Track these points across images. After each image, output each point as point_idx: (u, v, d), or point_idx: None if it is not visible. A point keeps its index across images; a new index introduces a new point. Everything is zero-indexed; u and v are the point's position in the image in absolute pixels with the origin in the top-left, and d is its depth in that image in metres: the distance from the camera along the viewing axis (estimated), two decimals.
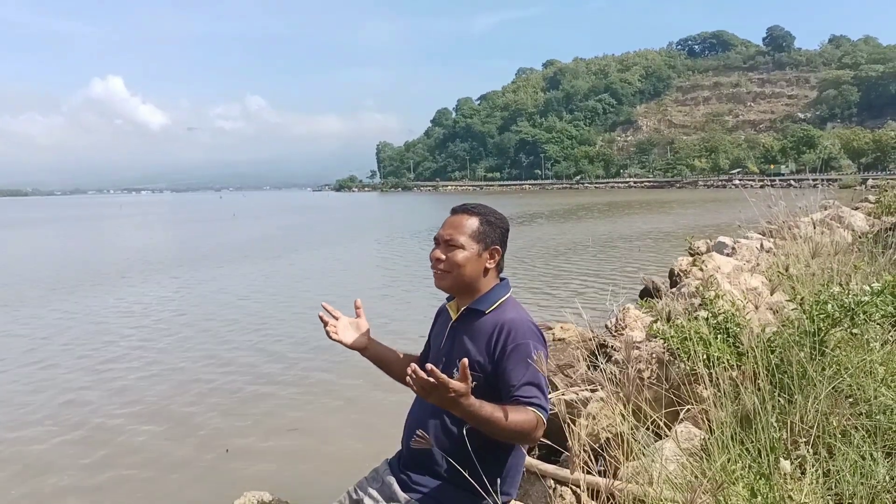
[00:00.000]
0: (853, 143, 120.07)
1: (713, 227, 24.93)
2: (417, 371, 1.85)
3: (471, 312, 2.34)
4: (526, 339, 2.21)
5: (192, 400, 7.81)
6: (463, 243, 2.28)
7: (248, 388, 8.22)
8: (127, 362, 9.49)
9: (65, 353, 10.13)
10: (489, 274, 2.35)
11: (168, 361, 9.51)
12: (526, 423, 2.05)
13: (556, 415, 3.86)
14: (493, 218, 2.35)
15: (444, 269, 2.30)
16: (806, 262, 5.68)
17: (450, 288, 2.37)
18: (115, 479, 5.75)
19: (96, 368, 9.20)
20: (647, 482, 2.63)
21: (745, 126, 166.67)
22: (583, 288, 14.16)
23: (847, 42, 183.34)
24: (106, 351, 10.22)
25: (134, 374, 8.94)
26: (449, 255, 2.29)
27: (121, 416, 7.40)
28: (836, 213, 11.46)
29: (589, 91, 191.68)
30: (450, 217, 2.36)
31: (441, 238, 2.32)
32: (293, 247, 27.95)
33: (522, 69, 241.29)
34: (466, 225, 2.30)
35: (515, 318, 2.27)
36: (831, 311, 3.23)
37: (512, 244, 2.43)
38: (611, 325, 6.32)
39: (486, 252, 2.31)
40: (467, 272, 2.30)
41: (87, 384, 8.52)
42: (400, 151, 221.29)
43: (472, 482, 2.17)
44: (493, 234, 2.33)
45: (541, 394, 2.13)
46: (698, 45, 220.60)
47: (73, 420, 7.24)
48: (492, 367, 2.22)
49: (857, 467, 2.48)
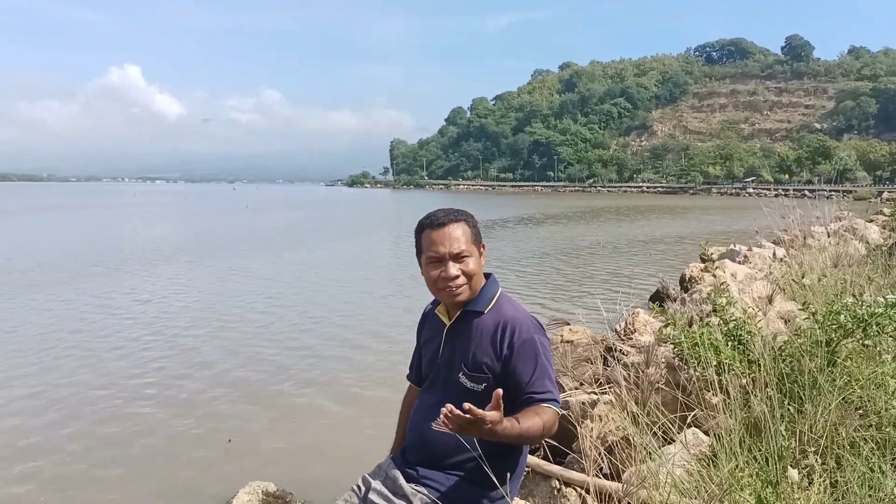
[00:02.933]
0: (869, 155, 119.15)
1: (726, 235, 24.82)
2: (454, 411, 1.81)
3: (468, 314, 2.34)
4: (530, 333, 2.24)
5: (199, 388, 7.83)
6: (469, 251, 2.29)
7: (254, 379, 8.23)
8: (137, 347, 9.54)
9: (79, 337, 10.21)
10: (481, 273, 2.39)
11: (175, 349, 9.55)
12: (548, 424, 2.08)
13: (563, 417, 3.87)
14: (471, 218, 2.37)
15: (464, 283, 2.28)
16: (821, 273, 5.66)
17: (468, 298, 2.33)
18: (114, 465, 5.76)
19: (102, 353, 9.27)
20: (653, 486, 2.63)
21: (760, 134, 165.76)
22: (593, 290, 14.12)
23: (867, 53, 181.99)
24: (119, 336, 10.29)
25: (141, 359, 8.98)
26: (463, 267, 2.27)
27: (119, 399, 7.45)
28: (850, 224, 11.40)
29: (604, 94, 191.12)
30: (441, 231, 2.28)
31: (449, 254, 2.26)
32: (303, 241, 28.03)
33: (539, 70, 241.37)
34: (463, 232, 2.29)
35: (517, 315, 2.29)
36: (844, 322, 3.22)
37: (524, 245, 2.45)
38: (620, 328, 6.31)
39: (479, 251, 2.34)
40: (478, 277, 2.33)
41: (96, 368, 8.57)
42: (413, 149, 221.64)
43: (480, 476, 2.20)
44: (478, 232, 2.37)
45: (552, 387, 2.17)
46: (716, 51, 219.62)
47: (75, 402, 7.29)
48: (500, 367, 2.23)
49: (864, 479, 2.47)
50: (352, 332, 10.76)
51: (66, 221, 41.91)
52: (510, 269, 18.65)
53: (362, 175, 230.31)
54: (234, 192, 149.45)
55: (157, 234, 31.93)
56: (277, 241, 28.00)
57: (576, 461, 3.43)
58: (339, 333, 10.71)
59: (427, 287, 2.38)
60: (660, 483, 2.63)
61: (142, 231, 34.52)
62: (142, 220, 44.17)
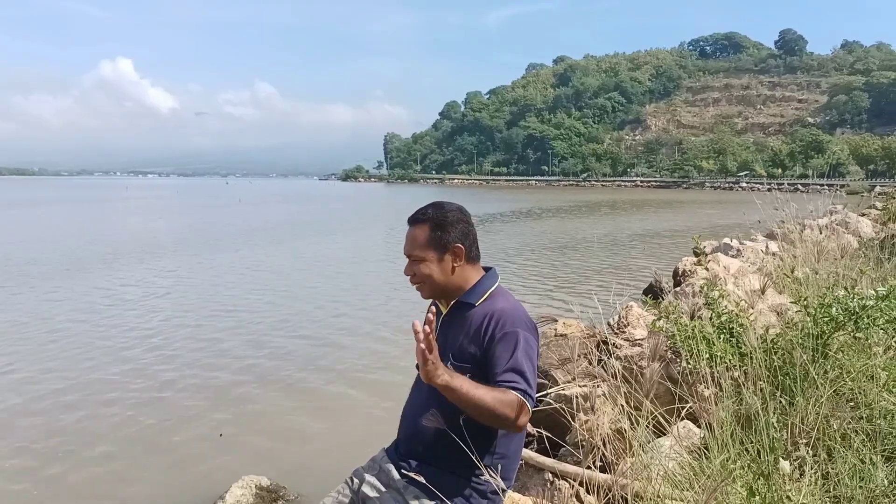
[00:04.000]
0: (862, 149, 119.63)
1: (719, 228, 24.88)
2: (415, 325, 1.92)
3: (461, 305, 2.37)
4: (515, 327, 2.22)
5: (193, 383, 7.82)
6: (422, 256, 2.33)
7: (246, 373, 8.22)
8: (130, 342, 9.51)
9: (79, 328, 10.17)
10: (461, 271, 2.35)
11: (167, 345, 9.53)
12: (507, 405, 2.06)
13: (556, 409, 3.87)
14: (447, 218, 2.34)
15: (419, 283, 2.37)
16: (812, 266, 5.67)
17: (432, 296, 2.42)
18: (103, 461, 5.73)
19: (98, 346, 9.24)
20: (646, 479, 2.63)
21: (754, 129, 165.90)
22: (586, 284, 14.14)
23: (860, 48, 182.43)
24: (116, 331, 10.27)
25: (129, 353, 8.96)
26: (416, 270, 2.35)
27: (114, 391, 7.44)
28: (842, 218, 11.44)
29: (599, 88, 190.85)
30: (408, 230, 2.39)
31: (405, 253, 2.38)
32: (296, 235, 27.99)
33: (533, 65, 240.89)
34: (419, 237, 2.34)
35: (505, 308, 2.28)
36: (835, 315, 3.23)
37: (518, 238, 2.46)
38: (613, 322, 6.31)
39: (446, 254, 2.32)
40: (438, 279, 2.34)
41: (94, 361, 8.55)
42: (407, 143, 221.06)
43: (472, 468, 2.21)
44: (448, 234, 2.33)
45: (523, 380, 2.13)
46: (710, 46, 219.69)
47: (71, 395, 7.28)
48: (481, 356, 2.23)
49: (856, 471, 2.48)
50: (346, 326, 10.76)
51: (60, 216, 41.75)
52: (506, 262, 18.67)
53: (356, 169, 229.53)
54: (227, 186, 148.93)
55: (149, 229, 31.83)
56: (273, 233, 27.95)
57: (569, 454, 3.44)
58: (332, 328, 10.70)
59: None
60: (652, 475, 2.63)
61: (134, 226, 34.42)
62: (133, 216, 44.03)
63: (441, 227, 2.33)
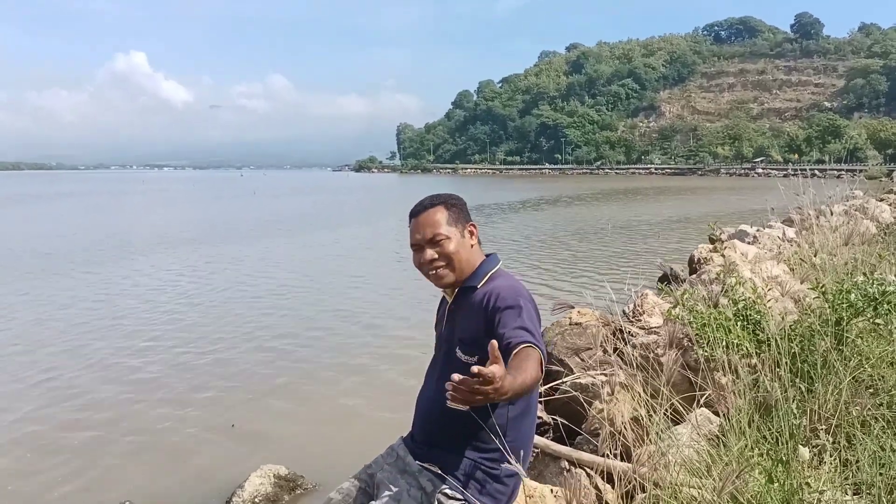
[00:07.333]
0: (880, 133, 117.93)
1: (736, 215, 24.67)
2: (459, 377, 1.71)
3: (464, 291, 2.39)
4: (516, 300, 2.22)
5: (211, 372, 7.88)
6: (446, 233, 2.34)
7: (265, 363, 8.27)
8: (148, 333, 9.60)
9: (96, 320, 10.29)
10: (475, 250, 2.41)
11: (183, 335, 9.61)
12: (536, 364, 2.00)
13: (572, 398, 3.87)
14: (452, 200, 2.42)
15: (443, 265, 2.35)
16: (831, 252, 5.62)
17: (454, 280, 2.39)
18: (121, 453, 5.79)
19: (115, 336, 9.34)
20: (663, 467, 2.63)
21: (769, 114, 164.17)
22: (602, 272, 14.06)
23: (877, 30, 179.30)
24: (130, 320, 10.38)
25: (149, 343, 9.05)
26: (438, 251, 2.33)
27: (129, 382, 7.54)
28: (861, 203, 11.32)
29: (612, 75, 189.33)
30: (416, 220, 2.39)
31: (423, 241, 2.35)
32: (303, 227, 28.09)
33: (545, 52, 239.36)
34: (438, 217, 2.36)
35: (503, 284, 2.31)
36: (854, 301, 3.20)
37: (534, 227, 2.45)
38: (629, 310, 6.29)
39: (465, 231, 2.39)
40: (462, 257, 2.36)
41: (111, 352, 8.65)
42: (420, 133, 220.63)
43: (487, 453, 2.24)
44: (461, 213, 2.41)
45: (531, 335, 2.08)
46: (724, 30, 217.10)
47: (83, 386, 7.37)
48: (485, 332, 2.21)
49: (875, 457, 2.46)
50: (363, 316, 10.79)
51: (82, 208, 42.19)
52: (518, 251, 18.65)
53: (369, 160, 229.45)
54: (241, 178, 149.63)
55: (168, 221, 32.07)
56: (283, 225, 28.06)
57: (586, 442, 3.44)
58: (349, 318, 10.74)
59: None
60: (670, 463, 2.63)
61: (154, 218, 34.72)
62: (154, 208, 44.41)
63: (453, 205, 2.40)
